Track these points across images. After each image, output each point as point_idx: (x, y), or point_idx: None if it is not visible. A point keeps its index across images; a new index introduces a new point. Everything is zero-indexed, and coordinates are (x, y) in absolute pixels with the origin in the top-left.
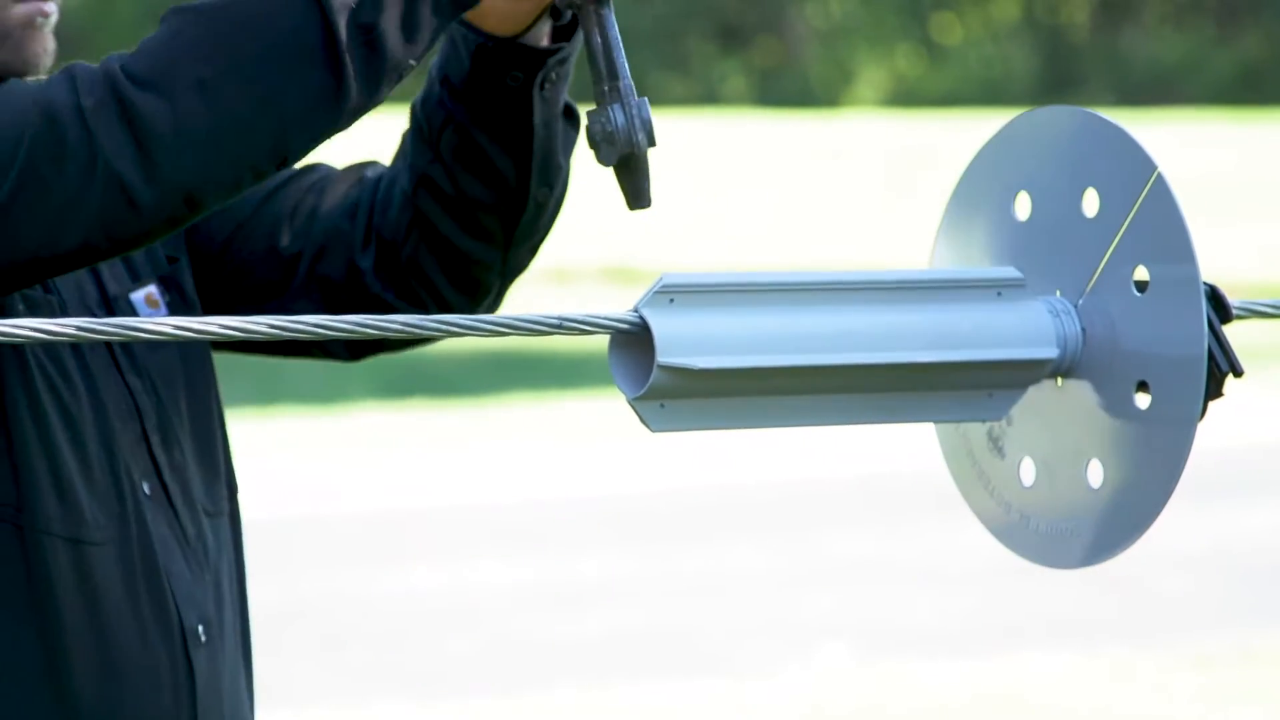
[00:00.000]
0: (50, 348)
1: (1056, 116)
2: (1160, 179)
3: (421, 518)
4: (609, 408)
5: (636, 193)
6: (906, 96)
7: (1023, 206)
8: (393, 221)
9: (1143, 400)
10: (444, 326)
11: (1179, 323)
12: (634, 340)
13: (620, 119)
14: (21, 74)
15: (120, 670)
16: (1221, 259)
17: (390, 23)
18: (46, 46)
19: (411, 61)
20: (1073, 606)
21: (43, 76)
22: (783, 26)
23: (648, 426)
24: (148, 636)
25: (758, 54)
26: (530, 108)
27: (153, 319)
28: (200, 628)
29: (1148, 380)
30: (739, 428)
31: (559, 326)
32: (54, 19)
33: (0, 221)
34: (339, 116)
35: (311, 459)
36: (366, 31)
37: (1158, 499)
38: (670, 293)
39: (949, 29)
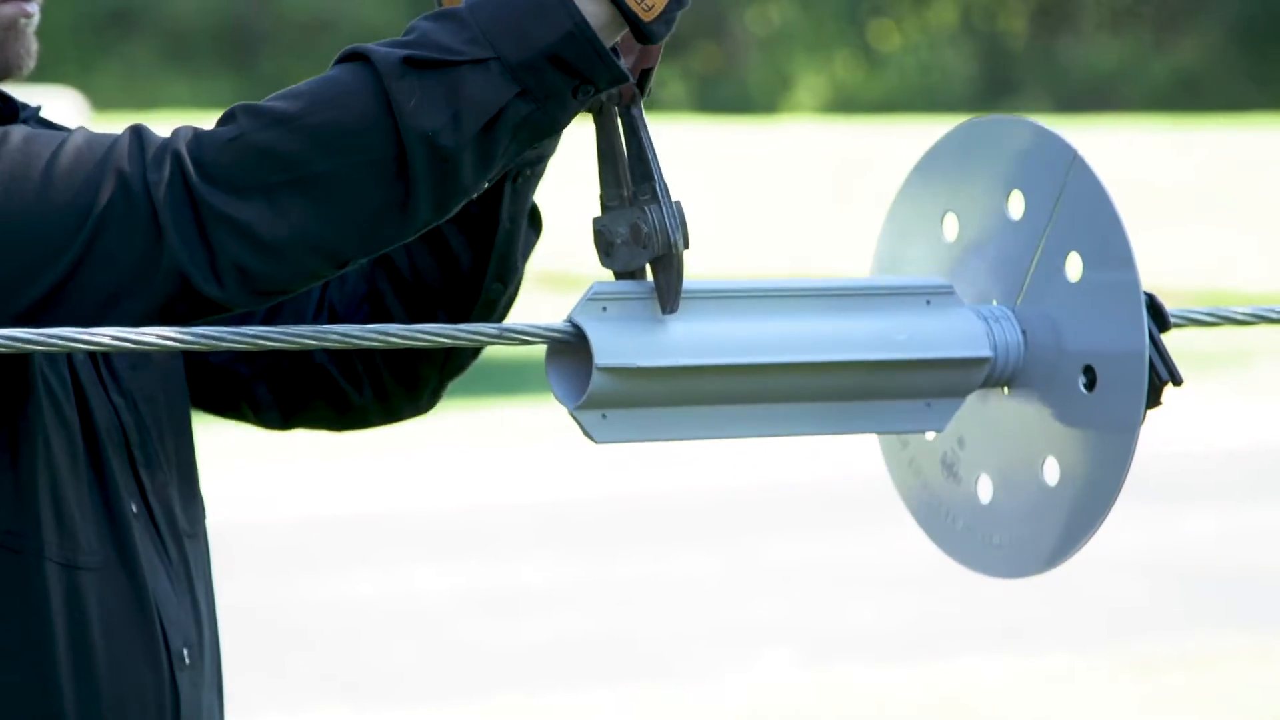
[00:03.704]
0: (53, 365)
1: (970, 131)
2: (1079, 160)
3: (361, 524)
4: (549, 414)
5: (671, 294)
6: (845, 103)
7: (950, 227)
8: (347, 294)
9: (1089, 388)
10: (381, 337)
11: (1118, 313)
12: (570, 350)
13: (658, 220)
14: (3, 76)
15: (111, 696)
16: (1170, 265)
17: (467, 151)
18: (29, 48)
19: (485, 184)
20: (1014, 611)
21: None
22: (722, 33)
23: (591, 438)
24: (138, 661)
25: (697, 60)
26: (499, 201)
27: (89, 330)
28: (185, 651)
29: (1093, 365)
30: (681, 439)
31: (499, 337)
32: (36, 19)
33: (67, 285)
34: (404, 233)
35: (250, 467)
36: (442, 160)
37: (1112, 486)
38: (602, 300)
39: (887, 36)
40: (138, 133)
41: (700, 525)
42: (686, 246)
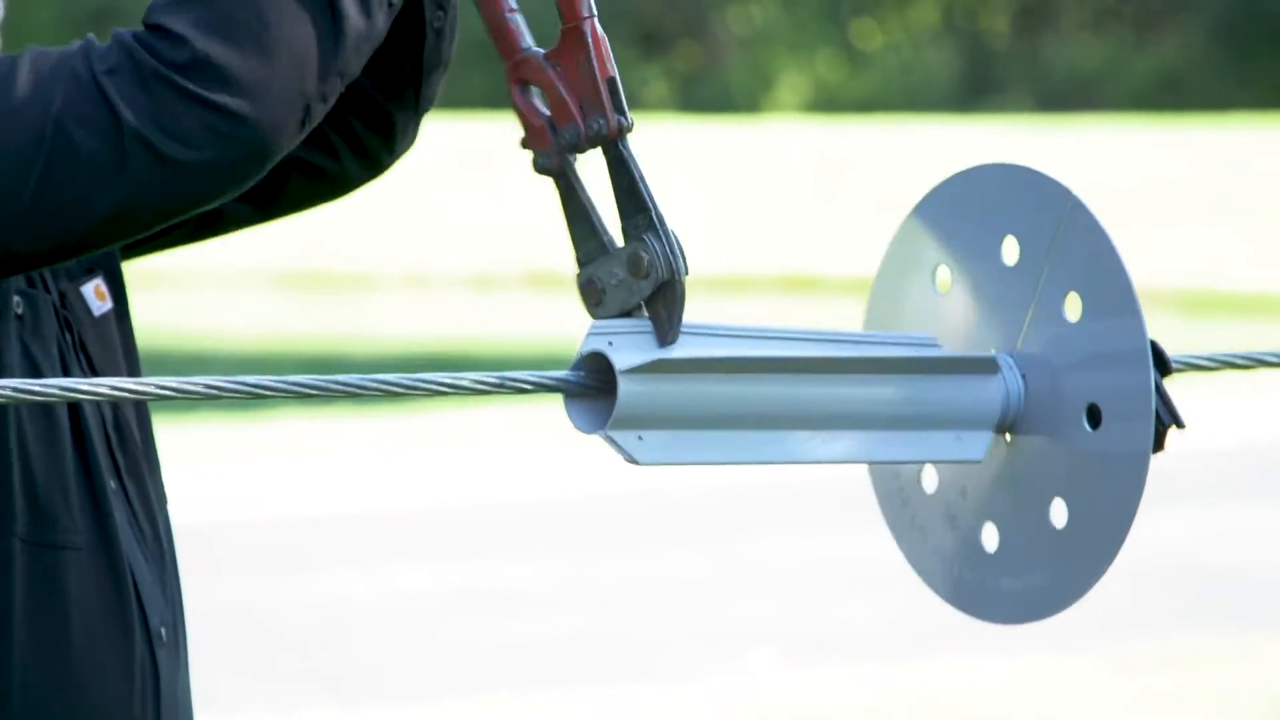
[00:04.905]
0: (44, 347)
1: (961, 182)
2: (1074, 199)
3: (347, 524)
4: (535, 414)
5: (673, 323)
6: (827, 102)
7: (943, 278)
8: None
9: (1094, 427)
10: (382, 386)
11: (1121, 347)
12: (585, 393)
13: (659, 248)
14: None
15: (90, 675)
16: (1155, 264)
17: None
18: None
19: None
20: None
21: None
22: (704, 32)
23: (633, 459)
24: (118, 639)
25: (679, 59)
26: None
27: (91, 380)
28: (162, 629)
29: (1096, 404)
30: (719, 461)
31: (499, 386)
32: (1, 15)
33: (39, 191)
34: (356, 44)
35: (233, 466)
36: None
37: (1123, 522)
38: (606, 335)
39: (869, 34)
40: (86, 39)
41: (687, 525)
42: (687, 272)
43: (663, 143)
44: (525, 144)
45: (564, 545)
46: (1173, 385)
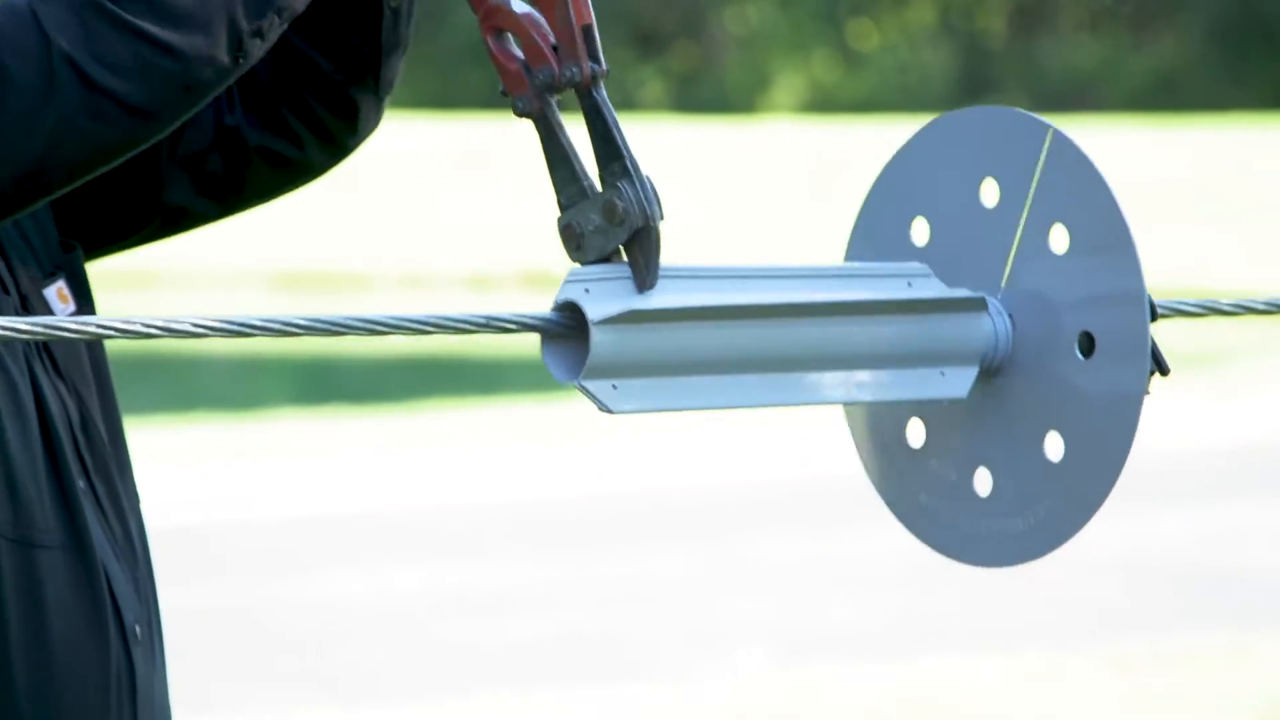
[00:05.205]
0: (10, 350)
1: (934, 131)
2: (1057, 135)
3: (347, 524)
4: (530, 413)
5: (650, 268)
6: (823, 102)
7: (920, 231)
8: (255, 64)
9: (1087, 355)
10: (369, 326)
11: (1113, 266)
12: (564, 336)
13: (633, 194)
14: None
15: (67, 672)
16: (1149, 264)
17: None
18: None
19: None
20: (995, 610)
21: None
22: (700, 32)
23: (606, 408)
24: (94, 637)
25: (675, 60)
26: None
27: (73, 319)
28: (136, 627)
29: (1089, 331)
30: (695, 407)
31: (485, 325)
32: None
33: None
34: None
35: (229, 466)
36: None
37: (1122, 444)
38: (583, 282)
39: (866, 35)
40: None
41: (681, 525)
42: (662, 218)
43: (659, 143)
44: (504, 91)
45: (563, 545)
46: (1171, 368)
